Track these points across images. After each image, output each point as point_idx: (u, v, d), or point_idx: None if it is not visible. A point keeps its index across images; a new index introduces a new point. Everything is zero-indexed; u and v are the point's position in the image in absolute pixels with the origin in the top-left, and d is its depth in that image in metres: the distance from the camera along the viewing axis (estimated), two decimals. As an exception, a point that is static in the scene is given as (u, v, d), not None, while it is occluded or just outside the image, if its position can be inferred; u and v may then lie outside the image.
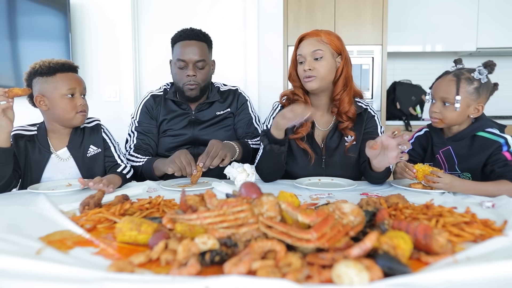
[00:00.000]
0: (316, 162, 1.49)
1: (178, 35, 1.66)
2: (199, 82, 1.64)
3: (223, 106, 1.75)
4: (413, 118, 3.38)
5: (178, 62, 1.62)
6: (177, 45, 1.64)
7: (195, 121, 1.70)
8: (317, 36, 1.42)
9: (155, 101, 1.73)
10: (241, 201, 0.73)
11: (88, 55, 3.14)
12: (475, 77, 1.31)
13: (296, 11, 3.03)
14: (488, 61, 1.34)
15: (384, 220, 0.74)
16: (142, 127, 1.70)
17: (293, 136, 1.49)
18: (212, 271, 0.61)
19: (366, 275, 0.53)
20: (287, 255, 0.60)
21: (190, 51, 1.60)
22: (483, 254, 0.67)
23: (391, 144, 1.08)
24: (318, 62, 1.40)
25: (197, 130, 1.70)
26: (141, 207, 0.97)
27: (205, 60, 1.63)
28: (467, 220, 0.83)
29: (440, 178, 1.18)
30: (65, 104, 1.37)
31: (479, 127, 1.34)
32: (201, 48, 1.62)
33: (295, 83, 1.50)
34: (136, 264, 0.63)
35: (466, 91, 1.30)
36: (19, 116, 1.33)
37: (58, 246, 0.73)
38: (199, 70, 1.63)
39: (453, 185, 1.19)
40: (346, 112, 1.46)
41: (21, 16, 2.95)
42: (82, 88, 1.43)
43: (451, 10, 3.42)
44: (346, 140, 1.49)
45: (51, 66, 1.37)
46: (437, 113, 1.34)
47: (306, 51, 1.41)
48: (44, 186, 1.31)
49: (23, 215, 0.97)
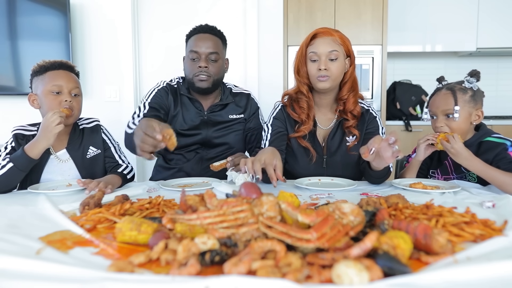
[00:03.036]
0: (317, 161, 1.49)
1: (193, 30, 1.64)
2: (211, 74, 1.59)
3: (236, 110, 1.72)
4: (413, 118, 3.38)
5: (190, 53, 1.59)
6: (191, 39, 1.62)
7: (208, 122, 1.67)
8: (332, 36, 1.42)
9: (170, 90, 1.67)
10: (241, 201, 0.73)
11: (88, 55, 3.14)
12: (466, 86, 1.37)
13: (296, 11, 3.03)
14: (473, 70, 1.40)
15: (384, 220, 0.74)
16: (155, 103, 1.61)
17: (295, 134, 1.49)
18: (212, 271, 0.61)
19: (366, 275, 0.53)
20: (287, 255, 0.60)
21: (203, 43, 1.58)
22: (483, 254, 0.67)
23: (383, 146, 1.09)
24: (333, 62, 1.40)
25: (211, 132, 1.67)
26: (141, 207, 0.97)
27: (218, 53, 1.60)
28: (467, 220, 0.83)
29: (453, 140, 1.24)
30: (49, 100, 1.35)
31: (485, 134, 1.38)
32: (215, 42, 1.60)
33: (302, 79, 1.48)
34: (136, 264, 0.63)
35: (463, 100, 1.36)
36: (21, 116, 1.34)
37: (58, 246, 0.73)
38: (212, 62, 1.59)
39: (460, 153, 1.24)
40: (351, 110, 1.47)
41: (21, 16, 2.96)
42: (72, 86, 1.38)
43: (451, 10, 3.42)
44: (347, 140, 1.49)
45: (43, 65, 1.37)
46: (443, 127, 1.38)
47: (322, 50, 1.40)
48: (44, 186, 1.31)
49: (23, 215, 0.97)
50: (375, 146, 1.10)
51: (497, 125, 3.18)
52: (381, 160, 1.13)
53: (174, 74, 1.90)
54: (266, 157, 1.13)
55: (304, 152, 1.50)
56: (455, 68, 3.71)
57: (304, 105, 1.48)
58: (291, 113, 1.50)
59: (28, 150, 1.26)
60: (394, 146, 1.06)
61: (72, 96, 1.38)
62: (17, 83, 3.01)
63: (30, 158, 1.26)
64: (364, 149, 1.13)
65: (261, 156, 1.14)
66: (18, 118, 1.30)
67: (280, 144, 1.46)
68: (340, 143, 1.50)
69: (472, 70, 1.39)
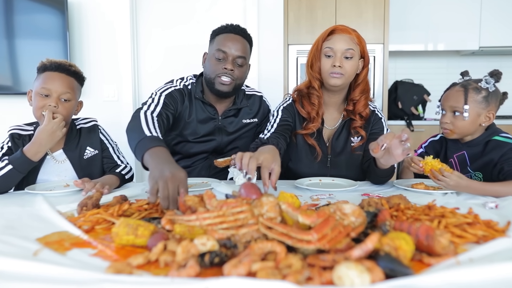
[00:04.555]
0: (322, 160, 1.50)
1: (223, 27, 1.55)
2: (235, 78, 1.52)
3: (250, 114, 1.67)
4: (415, 118, 3.38)
5: (217, 52, 1.49)
6: (220, 36, 1.52)
7: (222, 128, 1.62)
8: (349, 34, 1.42)
9: (184, 93, 1.58)
10: (241, 202, 0.73)
11: (86, 54, 3.14)
12: (482, 86, 1.34)
13: (296, 10, 3.03)
14: (494, 70, 1.37)
15: (385, 221, 0.74)
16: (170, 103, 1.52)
17: (303, 131, 1.48)
18: (212, 273, 0.61)
19: (367, 277, 0.53)
20: (288, 257, 0.60)
21: (233, 44, 1.49)
22: (486, 256, 0.67)
23: (394, 143, 1.07)
24: (348, 61, 1.40)
25: (225, 139, 1.62)
26: (139, 207, 0.97)
27: (245, 58, 1.53)
28: (470, 221, 0.83)
29: (444, 178, 1.17)
30: (36, 101, 1.35)
31: (493, 133, 1.38)
32: (244, 45, 1.52)
33: (315, 74, 1.47)
34: (134, 266, 0.63)
35: (474, 100, 1.34)
36: (18, 116, 1.33)
37: (55, 248, 0.72)
38: (238, 66, 1.52)
39: (458, 186, 1.17)
40: (360, 112, 1.48)
41: (18, 15, 2.96)
42: (62, 91, 1.35)
43: (453, 8, 3.42)
44: (352, 141, 1.49)
45: (44, 64, 1.38)
46: (448, 124, 1.37)
47: (339, 47, 1.40)
48: (42, 187, 1.31)
49: (20, 216, 0.97)
50: (387, 142, 1.07)
51: (501, 125, 3.16)
52: (390, 157, 1.10)
53: (174, 73, 1.90)
54: (265, 158, 1.06)
55: (309, 150, 1.51)
56: (458, 67, 3.70)
57: (316, 101, 1.47)
58: (299, 110, 1.50)
59: (28, 152, 1.26)
60: (405, 144, 1.04)
61: (61, 101, 1.36)
62: (15, 82, 3.01)
63: (31, 160, 1.26)
64: (374, 145, 1.11)
65: (260, 155, 1.07)
66: (16, 117, 1.30)
67: (285, 133, 1.44)
68: (345, 143, 1.50)
69: (494, 70, 1.37)
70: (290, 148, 1.53)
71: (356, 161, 1.50)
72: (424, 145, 1.55)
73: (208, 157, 1.65)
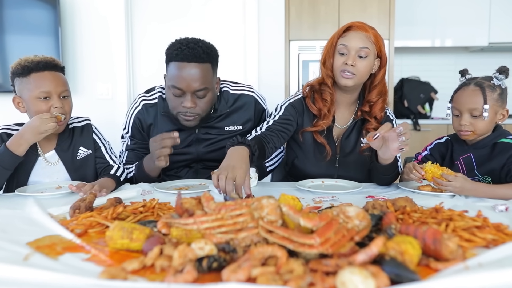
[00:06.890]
0: (330, 160, 1.50)
1: (173, 52, 1.37)
2: (199, 113, 1.42)
3: (239, 119, 1.56)
4: (422, 117, 3.38)
5: (173, 89, 1.37)
6: (172, 65, 1.38)
7: (199, 139, 1.55)
8: (366, 32, 1.41)
9: (148, 112, 1.53)
10: (240, 205, 0.73)
11: (78, 51, 3.14)
12: (495, 83, 1.35)
13: (298, 4, 3.03)
14: (502, 66, 1.37)
15: (391, 224, 0.74)
16: (135, 144, 1.57)
17: (313, 128, 1.48)
18: (210, 278, 0.61)
19: (372, 283, 0.53)
20: (289, 262, 0.60)
21: (188, 76, 1.35)
22: (496, 260, 0.67)
23: (391, 136, 1.14)
24: (362, 60, 1.39)
25: (201, 148, 1.55)
26: (134, 210, 0.97)
27: (207, 87, 1.39)
28: (479, 225, 0.83)
29: (449, 182, 1.18)
30: (38, 107, 1.32)
31: (500, 134, 1.38)
32: (203, 73, 1.37)
33: (327, 72, 1.46)
34: (129, 271, 0.63)
35: (492, 98, 1.34)
36: (9, 114, 1.33)
37: (47, 252, 0.73)
38: (200, 99, 1.40)
39: (464, 188, 1.19)
40: (376, 115, 1.49)
41: (8, 9, 2.95)
42: (61, 89, 1.35)
43: (462, 3, 3.42)
44: (362, 141, 1.49)
45: (26, 65, 1.33)
46: (468, 126, 1.36)
47: (353, 44, 1.39)
48: (33, 189, 1.31)
49: (10, 219, 0.97)
50: (381, 132, 1.15)
51: (509, 124, 3.18)
52: (387, 150, 1.19)
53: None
54: (239, 175, 1.07)
55: (317, 149, 1.51)
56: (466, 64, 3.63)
57: (328, 98, 1.47)
58: (310, 106, 1.49)
59: (11, 146, 1.25)
60: (401, 137, 1.12)
61: (62, 99, 1.36)
62: (4, 79, 3.01)
63: (15, 155, 1.25)
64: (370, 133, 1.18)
65: (234, 172, 1.07)
66: (7, 116, 1.29)
67: (284, 128, 1.44)
68: (355, 143, 1.51)
69: (502, 67, 1.37)
70: (296, 146, 1.53)
71: (365, 162, 1.50)
72: (429, 147, 1.54)
73: (191, 165, 1.61)
